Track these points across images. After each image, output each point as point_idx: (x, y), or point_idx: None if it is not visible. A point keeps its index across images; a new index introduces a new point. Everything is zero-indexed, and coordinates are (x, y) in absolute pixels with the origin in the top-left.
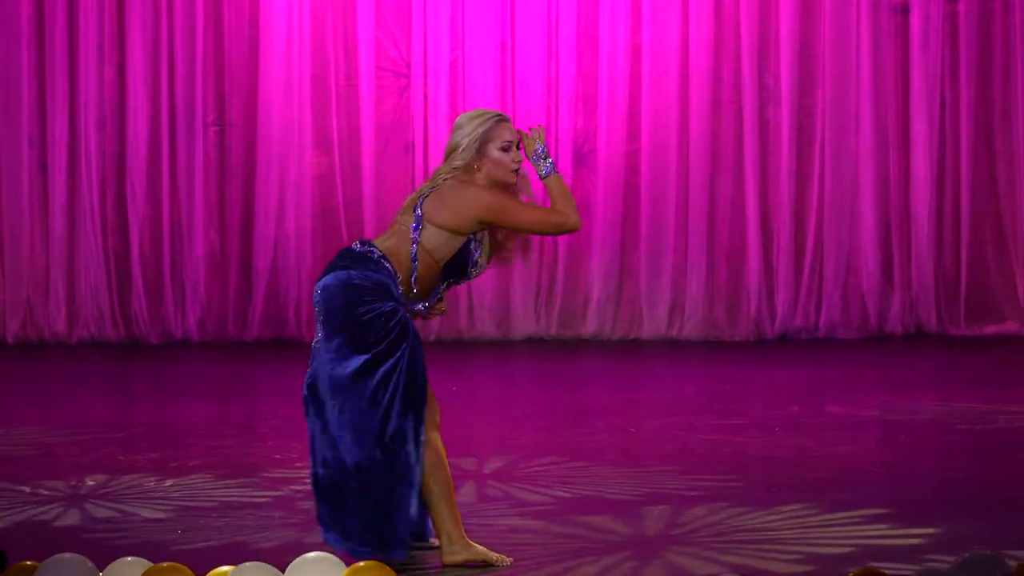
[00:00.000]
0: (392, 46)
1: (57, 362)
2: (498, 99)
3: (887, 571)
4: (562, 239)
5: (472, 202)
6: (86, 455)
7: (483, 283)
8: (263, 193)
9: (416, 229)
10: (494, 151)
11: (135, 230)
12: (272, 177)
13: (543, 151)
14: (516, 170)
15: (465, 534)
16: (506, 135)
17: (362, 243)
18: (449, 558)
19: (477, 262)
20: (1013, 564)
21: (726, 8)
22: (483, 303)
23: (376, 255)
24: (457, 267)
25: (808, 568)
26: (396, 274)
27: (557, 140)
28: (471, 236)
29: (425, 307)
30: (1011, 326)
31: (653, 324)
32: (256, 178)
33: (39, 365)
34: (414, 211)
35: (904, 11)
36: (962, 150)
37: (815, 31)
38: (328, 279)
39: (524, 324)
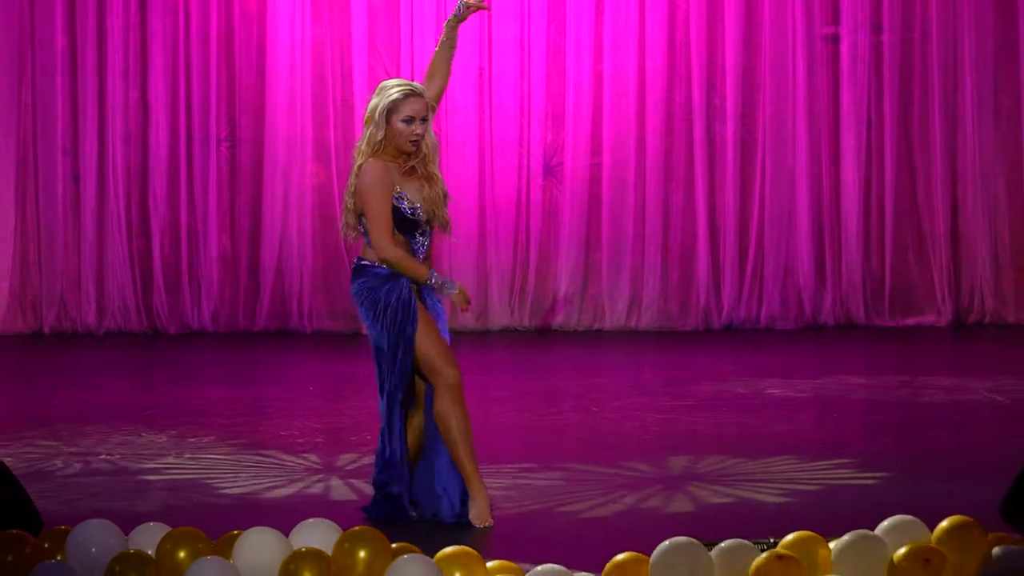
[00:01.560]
0: (383, 71)
1: (88, 350)
2: (476, 118)
3: (819, 536)
4: (534, 244)
5: (358, 188)
6: (113, 431)
7: (465, 280)
8: (269, 201)
9: (364, 233)
10: (397, 122)
11: (156, 234)
12: (277, 187)
13: (440, 284)
14: (415, 142)
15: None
16: (409, 109)
17: (358, 260)
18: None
19: (416, 213)
20: (930, 528)
21: (678, 38)
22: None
23: (359, 265)
24: (408, 224)
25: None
26: (375, 263)
27: (529, 153)
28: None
29: (423, 257)
30: (929, 318)
31: (614, 316)
32: (263, 188)
33: (72, 353)
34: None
35: (835, 40)
36: (886, 164)
37: (756, 59)
38: (351, 289)
39: (500, 316)
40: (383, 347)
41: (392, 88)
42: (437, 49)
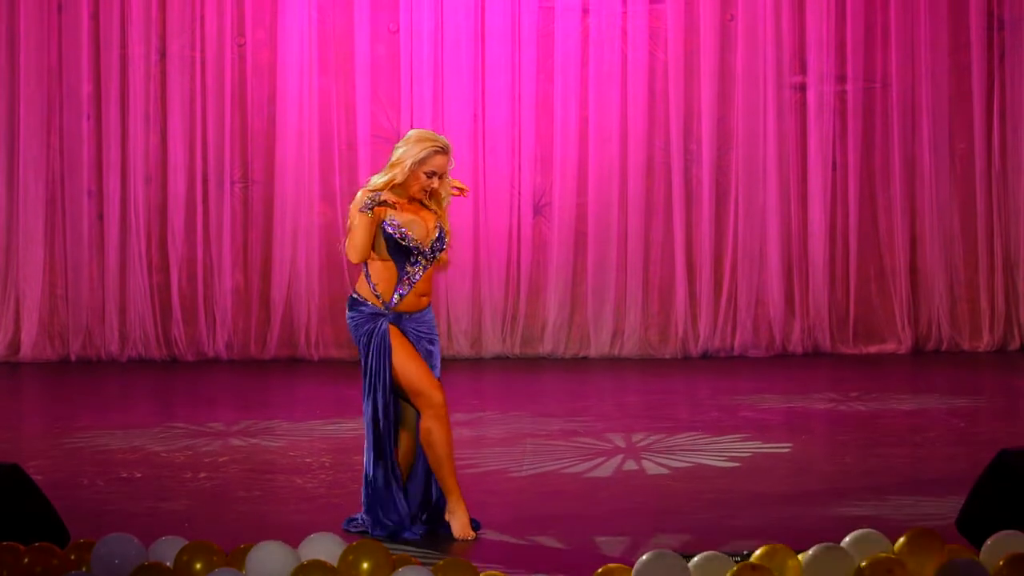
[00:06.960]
0: (384, 117)
1: (111, 376)
2: (471, 160)
3: (789, 548)
4: (524, 278)
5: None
6: (135, 450)
7: (460, 311)
8: (279, 238)
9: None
10: (421, 173)
11: (175, 269)
12: (286, 225)
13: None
14: (427, 192)
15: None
16: (435, 165)
17: (352, 294)
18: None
19: (404, 236)
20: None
21: (657, 88)
22: (460, 327)
23: (351, 298)
24: (399, 249)
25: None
26: (364, 300)
27: (520, 194)
28: (379, 228)
29: (400, 296)
30: (890, 346)
31: (598, 345)
32: (273, 226)
33: (96, 378)
34: None
35: (802, 89)
36: (850, 203)
37: (730, 105)
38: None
39: (493, 345)
40: (368, 375)
41: (424, 142)
42: None
